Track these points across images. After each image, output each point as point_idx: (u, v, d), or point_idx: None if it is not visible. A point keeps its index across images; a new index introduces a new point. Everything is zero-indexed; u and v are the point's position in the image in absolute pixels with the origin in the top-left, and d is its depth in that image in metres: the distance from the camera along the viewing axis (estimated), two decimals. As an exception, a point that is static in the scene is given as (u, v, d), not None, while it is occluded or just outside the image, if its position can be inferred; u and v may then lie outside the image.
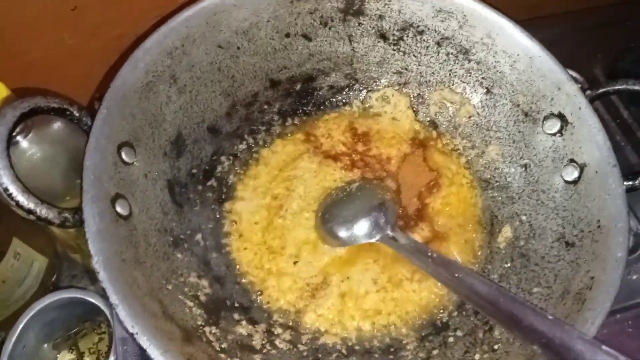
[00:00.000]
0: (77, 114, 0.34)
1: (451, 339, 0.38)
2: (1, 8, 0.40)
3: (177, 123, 0.40)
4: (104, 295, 0.33)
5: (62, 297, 0.43)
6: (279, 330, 0.38)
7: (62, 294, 0.43)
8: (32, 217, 0.30)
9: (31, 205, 0.29)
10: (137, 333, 0.28)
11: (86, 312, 0.43)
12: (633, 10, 0.62)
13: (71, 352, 0.47)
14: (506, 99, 0.43)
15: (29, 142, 0.40)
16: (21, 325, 0.42)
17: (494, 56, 0.43)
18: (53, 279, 0.49)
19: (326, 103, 0.48)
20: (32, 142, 0.40)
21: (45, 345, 0.46)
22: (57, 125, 0.41)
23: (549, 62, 0.40)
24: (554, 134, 0.40)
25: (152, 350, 0.28)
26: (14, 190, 0.29)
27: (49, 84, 0.46)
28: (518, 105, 0.43)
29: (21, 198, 0.29)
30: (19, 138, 0.39)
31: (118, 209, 0.33)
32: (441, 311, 0.40)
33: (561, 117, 0.40)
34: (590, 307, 0.32)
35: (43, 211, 0.30)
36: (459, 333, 0.38)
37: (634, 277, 0.46)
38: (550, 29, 0.60)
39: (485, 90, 0.44)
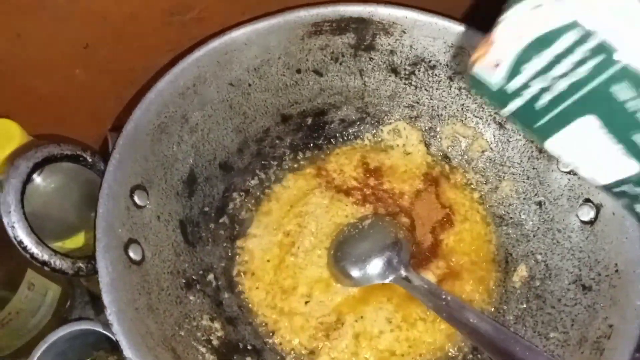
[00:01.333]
0: (90, 160, 0.34)
1: (466, 383, 0.37)
2: (14, 47, 0.40)
3: (189, 162, 0.40)
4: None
5: (75, 329, 0.43)
6: (291, 373, 0.38)
7: (75, 326, 0.43)
8: (46, 268, 0.30)
9: (45, 257, 0.29)
10: (150, 388, 0.28)
11: (99, 341, 0.43)
12: None
13: (85, 381, 0.47)
14: (519, 135, 0.43)
15: (43, 178, 0.40)
16: (35, 359, 0.42)
17: (507, 92, 0.42)
18: (67, 307, 0.49)
19: (337, 137, 0.48)
20: (46, 177, 0.40)
21: (57, 376, 0.46)
22: (71, 159, 0.41)
23: (564, 100, 0.40)
24: (569, 172, 0.40)
25: (165, 406, 0.28)
26: (28, 243, 0.29)
27: (61, 119, 0.46)
28: (532, 142, 0.42)
29: (35, 250, 0.29)
30: (33, 176, 0.40)
31: (131, 254, 0.33)
32: (456, 353, 0.39)
33: (576, 155, 0.39)
34: (609, 358, 0.31)
35: (57, 262, 0.30)
36: (473, 377, 0.37)
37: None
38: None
39: (498, 125, 0.44)
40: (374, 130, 0.48)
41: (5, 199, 0.29)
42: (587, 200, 0.38)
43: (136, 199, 0.35)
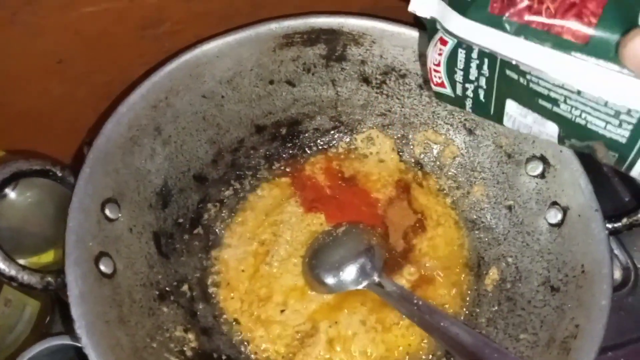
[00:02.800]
0: (60, 174, 0.34)
1: (439, 387, 0.38)
2: (-15, 63, 0.40)
3: (162, 174, 0.41)
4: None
5: (52, 345, 0.43)
6: (266, 382, 0.38)
7: (53, 341, 0.43)
8: (14, 283, 0.30)
9: (13, 272, 0.29)
10: (119, 401, 0.28)
11: (79, 356, 0.43)
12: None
13: (64, 396, 0.46)
14: (489, 140, 0.44)
15: (17, 193, 0.40)
16: (12, 377, 0.41)
17: (475, 99, 0.43)
18: (46, 322, 0.49)
19: (312, 146, 0.48)
20: (21, 191, 0.40)
21: (37, 392, 0.45)
22: (44, 174, 0.41)
23: (529, 105, 0.40)
24: (537, 176, 0.41)
25: (134, 418, 0.28)
26: (-5, 258, 0.29)
27: (36, 132, 0.46)
28: (501, 147, 0.43)
29: (2, 266, 0.29)
30: (6, 190, 0.40)
31: (102, 267, 0.33)
32: (430, 357, 0.40)
33: (543, 159, 0.40)
34: (576, 358, 0.32)
35: (25, 277, 0.30)
36: (447, 381, 0.38)
37: (623, 313, 0.46)
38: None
39: (468, 131, 0.45)
40: (348, 139, 0.49)
41: (-28, 214, 0.29)
42: (555, 203, 0.39)
43: (107, 212, 0.35)
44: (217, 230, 0.44)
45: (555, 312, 0.36)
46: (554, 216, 0.39)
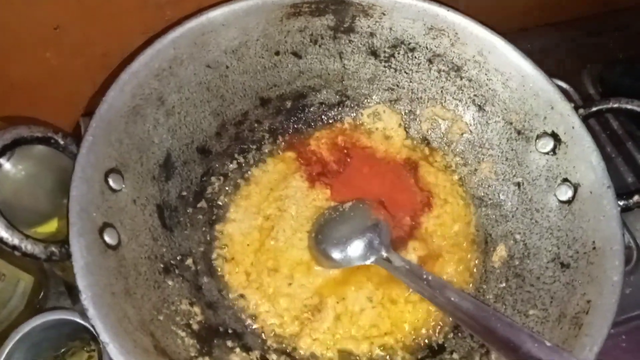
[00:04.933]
0: (62, 142, 0.33)
1: (447, 362, 0.37)
2: (-19, 30, 0.39)
3: (165, 145, 0.39)
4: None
5: (49, 319, 0.42)
6: (273, 356, 0.37)
7: (49, 315, 0.42)
8: (17, 252, 0.29)
9: (15, 241, 0.28)
10: (128, 372, 0.27)
11: (74, 331, 0.42)
12: (622, 20, 0.63)
13: (58, 372, 0.46)
14: (499, 117, 0.43)
15: (13, 163, 0.39)
16: (7, 350, 0.41)
17: (486, 74, 0.42)
18: (40, 297, 0.48)
19: (317, 120, 0.47)
20: (16, 162, 0.39)
21: (33, 366, 0.45)
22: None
23: (542, 81, 0.40)
24: (547, 153, 0.40)
25: (144, 390, 0.27)
26: (-3, 226, 0.28)
27: (33, 104, 0.45)
28: (511, 123, 0.42)
29: (5, 235, 0.28)
30: (1, 160, 0.38)
31: (106, 239, 0.32)
32: (437, 332, 0.39)
33: (554, 136, 0.39)
34: (587, 333, 0.32)
35: (29, 247, 0.29)
36: (455, 356, 0.38)
37: (627, 290, 0.46)
38: (539, 38, 0.60)
39: (478, 107, 0.44)
40: (354, 114, 0.48)
41: (-28, 180, 0.27)
42: (565, 180, 0.39)
43: (111, 182, 0.34)
44: (221, 204, 0.43)
45: (566, 288, 0.36)
46: (565, 193, 0.39)
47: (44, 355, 0.45)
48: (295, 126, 0.47)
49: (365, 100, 0.47)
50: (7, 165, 0.39)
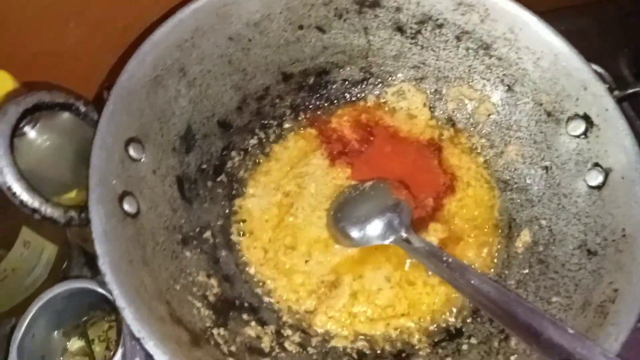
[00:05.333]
0: (83, 109, 0.33)
1: (465, 347, 0.37)
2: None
3: (186, 117, 0.39)
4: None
5: (72, 287, 0.43)
6: (288, 332, 0.37)
7: (72, 284, 0.43)
8: (36, 216, 0.29)
9: (36, 204, 0.29)
10: (143, 338, 0.27)
11: (96, 300, 0.43)
12: (662, 1, 0.60)
13: (81, 340, 0.47)
14: (528, 98, 0.42)
15: (37, 133, 0.39)
16: (30, 315, 0.42)
17: (516, 52, 0.41)
18: (63, 267, 0.49)
19: (340, 97, 0.47)
20: (40, 132, 0.39)
21: (56, 332, 0.46)
22: (66, 115, 0.40)
23: (575, 60, 0.38)
24: (578, 136, 0.39)
25: (158, 356, 0.27)
26: (17, 188, 0.28)
27: (54, 76, 0.45)
28: (541, 104, 0.41)
29: (25, 197, 0.28)
30: (26, 129, 0.39)
31: (126, 207, 0.32)
32: (455, 316, 0.39)
33: (586, 118, 0.38)
34: (613, 322, 0.31)
35: (48, 210, 0.29)
36: (473, 341, 0.37)
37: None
38: (573, 20, 0.58)
39: (506, 87, 0.43)
40: (378, 92, 0.47)
41: (-6, 143, 0.28)
42: (596, 165, 0.37)
43: (131, 151, 0.34)
44: (241, 179, 0.43)
45: (592, 275, 0.35)
46: (595, 178, 0.37)
47: (65, 323, 0.46)
48: (318, 103, 0.46)
49: (390, 78, 0.46)
50: (32, 134, 0.39)
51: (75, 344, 0.47)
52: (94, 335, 0.47)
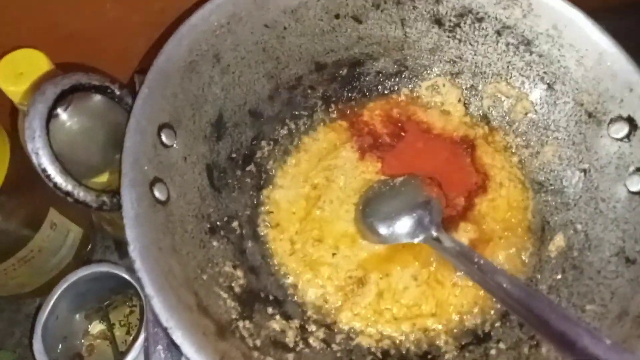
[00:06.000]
0: (118, 92, 0.33)
1: (493, 351, 0.36)
2: (42, -23, 0.39)
3: (218, 105, 0.39)
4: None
5: (95, 271, 0.43)
6: (312, 327, 0.37)
7: (95, 267, 0.43)
8: (69, 199, 0.29)
9: (69, 188, 0.28)
10: (171, 327, 0.27)
11: (118, 285, 0.44)
12: None
13: (102, 323, 0.47)
14: (569, 97, 0.40)
15: (69, 115, 0.39)
16: (55, 297, 0.42)
17: (559, 49, 0.39)
18: (87, 250, 0.49)
19: (373, 90, 0.46)
20: (72, 114, 0.39)
21: (77, 315, 0.46)
22: (97, 98, 0.40)
23: (622, 60, 0.37)
24: (621, 139, 0.37)
25: (185, 347, 0.27)
26: (52, 171, 0.28)
27: (88, 57, 0.45)
28: (582, 105, 0.39)
29: (59, 180, 0.28)
30: (59, 110, 0.38)
31: (156, 193, 0.32)
32: (484, 320, 0.38)
33: (630, 121, 0.36)
34: (653, 334, 0.30)
35: (81, 194, 0.29)
36: (501, 345, 0.36)
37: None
38: (621, 18, 0.55)
39: (546, 85, 0.41)
40: (412, 85, 0.46)
41: (31, 124, 0.27)
42: (638, 170, 0.36)
43: (163, 137, 0.34)
44: (269, 169, 0.42)
45: (630, 284, 0.33)
46: (636, 183, 0.36)
47: (88, 306, 0.47)
48: (350, 95, 0.45)
49: (425, 72, 0.45)
50: (64, 116, 0.39)
51: (96, 327, 0.47)
52: (115, 319, 0.48)
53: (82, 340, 0.46)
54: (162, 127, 0.34)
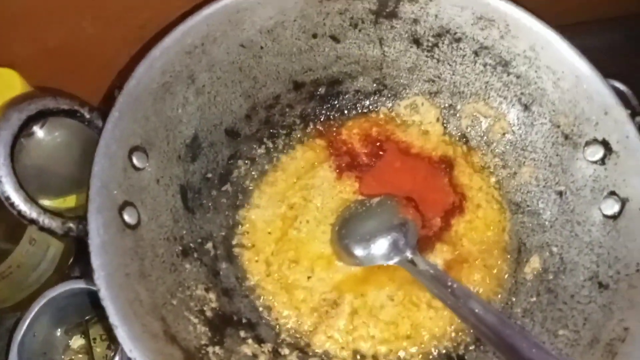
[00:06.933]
0: (88, 116, 0.33)
1: (466, 376, 0.36)
2: (21, -6, 0.38)
3: (193, 125, 0.39)
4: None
5: (75, 287, 0.43)
6: (285, 351, 0.36)
7: (75, 283, 0.43)
8: (34, 226, 0.29)
9: (34, 215, 0.28)
10: (135, 358, 0.27)
11: (99, 300, 0.43)
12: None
13: (83, 338, 0.47)
14: (545, 118, 0.40)
15: (45, 132, 0.39)
16: (32, 315, 0.42)
17: (536, 71, 0.39)
18: (69, 263, 0.49)
19: (351, 108, 0.46)
20: (48, 131, 0.39)
21: (58, 330, 0.46)
22: (73, 116, 0.40)
23: (598, 83, 0.37)
24: (596, 162, 0.37)
25: (149, 377, 0.27)
26: (16, 199, 0.28)
27: (67, 72, 0.45)
28: (558, 127, 0.39)
29: (23, 207, 0.28)
30: (34, 128, 0.38)
31: (126, 217, 0.32)
32: (458, 343, 0.38)
33: (605, 144, 0.36)
34: (621, 363, 0.29)
35: (46, 221, 0.29)
36: (475, 370, 0.36)
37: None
38: (599, 35, 0.55)
39: (523, 106, 0.41)
40: (390, 104, 0.45)
41: (-6, 151, 0.27)
42: (613, 193, 0.36)
43: (135, 160, 0.33)
44: (246, 189, 0.42)
45: (602, 310, 0.33)
46: (611, 207, 0.36)
47: (68, 321, 0.46)
48: (328, 113, 0.45)
49: (404, 91, 0.45)
50: (40, 133, 0.39)
51: (77, 342, 0.47)
52: (96, 334, 0.47)
53: (63, 356, 0.46)
54: (134, 150, 0.33)
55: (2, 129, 0.28)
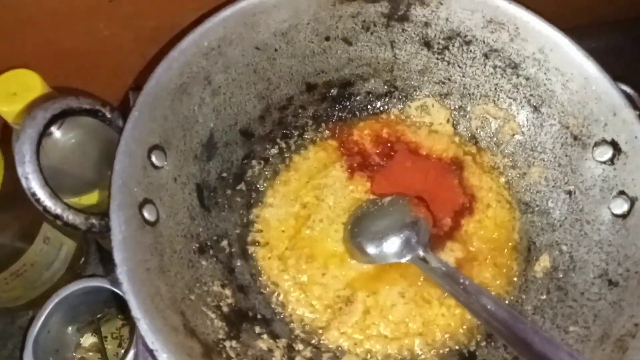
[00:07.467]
0: (109, 115, 0.33)
1: (478, 372, 0.36)
2: (37, -4, 0.39)
3: (209, 125, 0.39)
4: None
5: (87, 285, 0.44)
6: (300, 346, 0.37)
7: (88, 282, 0.44)
8: (58, 222, 0.29)
9: (58, 211, 0.29)
10: (157, 350, 0.27)
11: (111, 298, 0.44)
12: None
13: (94, 336, 0.47)
14: (555, 120, 0.41)
15: (63, 132, 0.40)
16: (46, 312, 0.43)
17: (545, 73, 0.40)
18: (81, 262, 0.50)
19: (363, 110, 0.46)
20: (66, 131, 0.40)
21: (70, 328, 0.47)
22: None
23: (606, 85, 0.37)
24: (605, 162, 0.38)
25: (171, 369, 0.27)
26: (41, 195, 0.28)
27: (82, 74, 0.46)
28: (567, 127, 0.40)
29: (49, 203, 0.29)
30: (52, 128, 0.39)
31: (145, 214, 0.32)
32: (469, 339, 0.38)
33: (614, 144, 0.37)
34: (633, 359, 0.30)
35: (70, 217, 0.29)
36: (486, 366, 0.36)
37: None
38: (605, 37, 0.56)
39: (533, 108, 0.42)
40: (401, 106, 0.46)
41: (21, 148, 0.28)
42: (622, 193, 0.36)
43: (154, 159, 0.34)
44: (259, 188, 0.43)
45: (612, 307, 0.34)
46: (620, 206, 0.36)
47: (81, 319, 0.47)
48: (340, 114, 0.46)
49: (414, 93, 0.46)
50: (57, 134, 0.39)
51: (88, 339, 0.48)
52: (107, 332, 0.48)
53: (74, 354, 0.47)
54: (153, 149, 0.34)
55: (28, 127, 0.29)
